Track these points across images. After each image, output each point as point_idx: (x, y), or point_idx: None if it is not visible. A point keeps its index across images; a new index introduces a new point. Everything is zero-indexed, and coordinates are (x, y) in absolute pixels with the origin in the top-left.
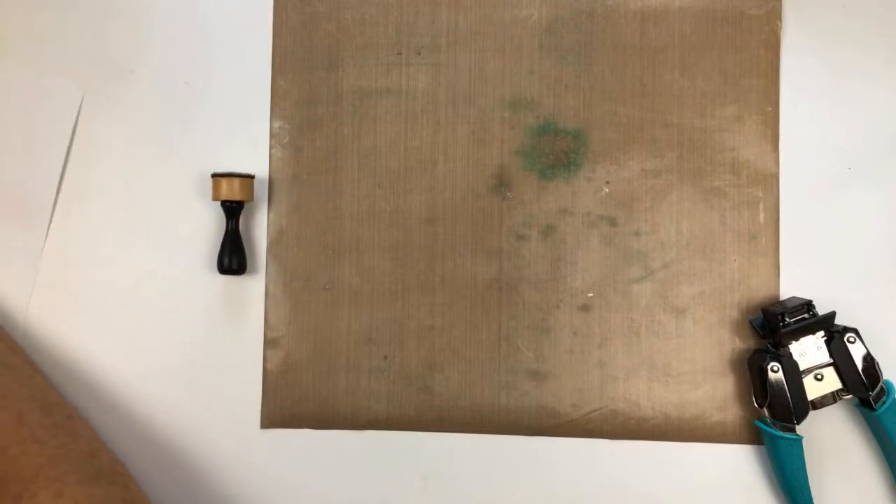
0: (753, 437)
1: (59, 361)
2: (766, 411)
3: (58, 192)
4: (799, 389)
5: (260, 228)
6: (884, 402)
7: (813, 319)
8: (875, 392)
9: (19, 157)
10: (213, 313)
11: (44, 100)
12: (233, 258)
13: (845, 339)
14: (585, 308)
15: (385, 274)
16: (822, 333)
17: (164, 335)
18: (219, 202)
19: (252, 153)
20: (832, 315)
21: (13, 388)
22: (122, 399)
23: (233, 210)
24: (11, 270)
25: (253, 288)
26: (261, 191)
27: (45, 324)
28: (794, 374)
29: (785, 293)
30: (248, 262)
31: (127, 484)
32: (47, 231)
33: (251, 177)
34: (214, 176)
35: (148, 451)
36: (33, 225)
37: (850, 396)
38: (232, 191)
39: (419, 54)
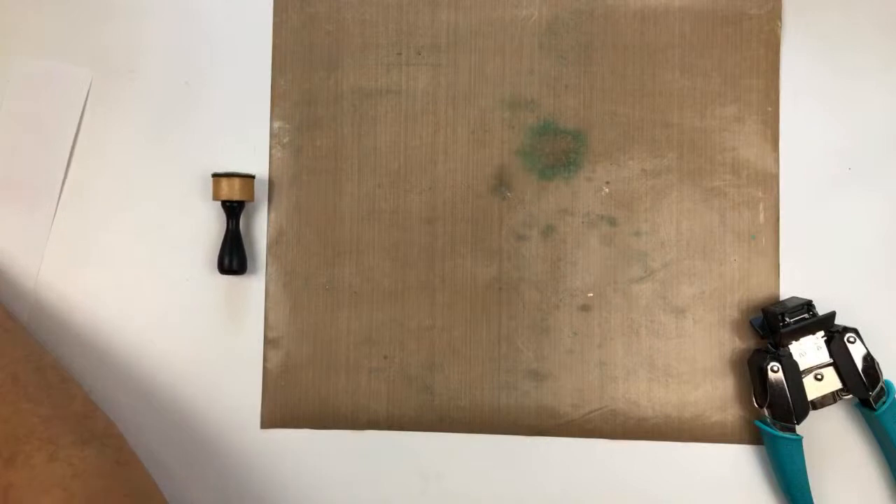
0: (753, 437)
1: (59, 358)
2: (766, 411)
3: (62, 186)
4: (799, 389)
5: (260, 228)
6: (884, 402)
7: (813, 319)
8: (875, 392)
9: (27, 145)
10: (213, 313)
11: (52, 86)
12: (233, 258)
13: (845, 339)
14: (585, 308)
15: (385, 274)
16: (822, 333)
17: (163, 335)
18: (219, 202)
19: (252, 153)
20: (832, 315)
21: (8, 349)
22: (122, 398)
23: (233, 210)
24: (17, 263)
25: (253, 288)
26: (261, 191)
27: (47, 321)
28: (794, 374)
29: (785, 293)
30: (248, 263)
31: (120, 445)
32: (50, 227)
33: (252, 177)
34: (215, 176)
35: (148, 450)
36: (38, 219)
37: (850, 396)
38: (232, 191)
39: (419, 54)
